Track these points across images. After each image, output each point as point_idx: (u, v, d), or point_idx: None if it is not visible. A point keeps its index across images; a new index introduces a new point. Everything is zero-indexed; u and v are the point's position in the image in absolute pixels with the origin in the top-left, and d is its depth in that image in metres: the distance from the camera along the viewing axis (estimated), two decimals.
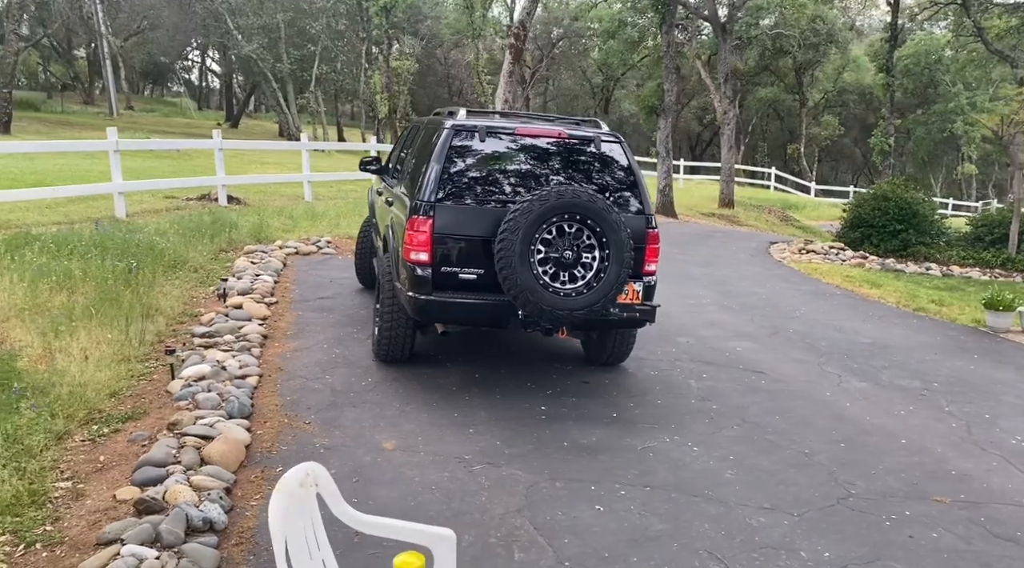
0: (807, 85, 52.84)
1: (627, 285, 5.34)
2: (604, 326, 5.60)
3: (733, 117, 25.44)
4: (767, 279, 11.44)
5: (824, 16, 46.45)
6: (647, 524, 3.80)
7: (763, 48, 48.77)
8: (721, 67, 25.32)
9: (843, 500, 4.25)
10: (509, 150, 5.42)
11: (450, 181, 5.23)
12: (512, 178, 5.33)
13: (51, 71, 50.78)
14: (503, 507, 3.82)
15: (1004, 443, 5.28)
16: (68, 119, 33.26)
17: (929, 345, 7.93)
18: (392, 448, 4.42)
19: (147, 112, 38.49)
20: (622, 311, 5.31)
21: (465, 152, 5.33)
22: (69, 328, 5.77)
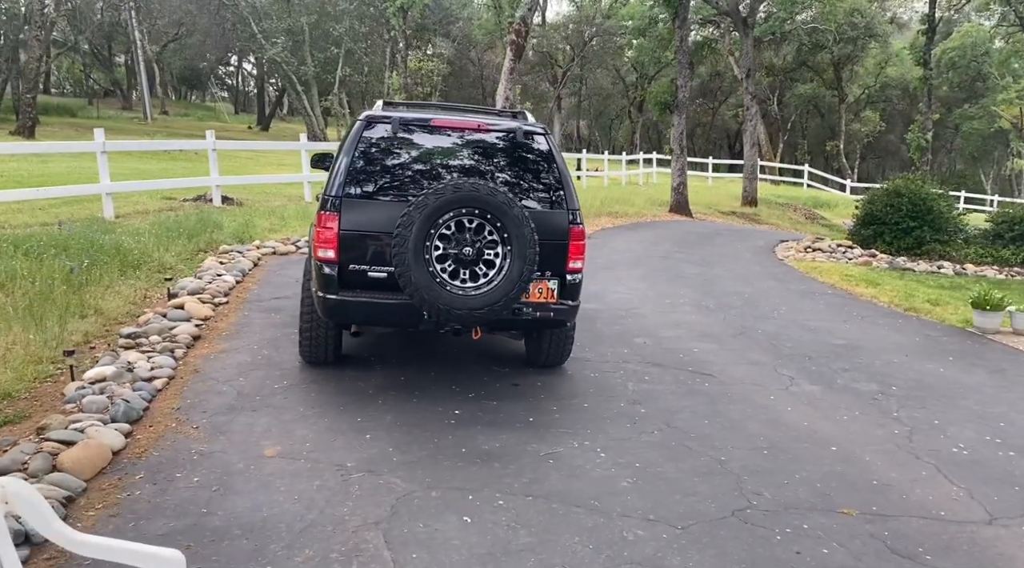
0: (846, 80, 51.72)
1: (542, 283, 5.13)
2: (518, 326, 5.40)
3: (756, 113, 24.92)
4: (759, 278, 11.08)
5: (863, 9, 45.37)
6: (512, 538, 3.59)
7: (799, 43, 47.85)
8: (742, 63, 24.83)
9: (739, 512, 4.00)
10: (424, 142, 5.25)
11: (359, 175, 5.08)
12: (425, 171, 5.15)
13: (93, 78, 52.02)
14: (362, 519, 3.65)
15: (943, 451, 4.96)
16: (101, 124, 33.92)
17: (904, 347, 7.56)
18: (272, 455, 4.28)
19: (181, 116, 39.17)
20: (535, 310, 5.11)
21: (377, 144, 5.17)
22: (9, 325, 5.76)
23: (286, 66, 30.03)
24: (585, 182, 27.49)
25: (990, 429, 5.40)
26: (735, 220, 21.78)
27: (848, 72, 51.96)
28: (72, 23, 43.96)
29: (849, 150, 58.40)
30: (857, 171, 58.65)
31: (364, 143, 5.15)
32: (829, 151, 56.26)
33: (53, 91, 56.98)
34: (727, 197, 26.79)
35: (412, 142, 5.23)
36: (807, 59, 52.10)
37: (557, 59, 53.89)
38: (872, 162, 67.78)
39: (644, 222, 18.13)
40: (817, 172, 43.00)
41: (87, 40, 45.52)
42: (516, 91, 41.18)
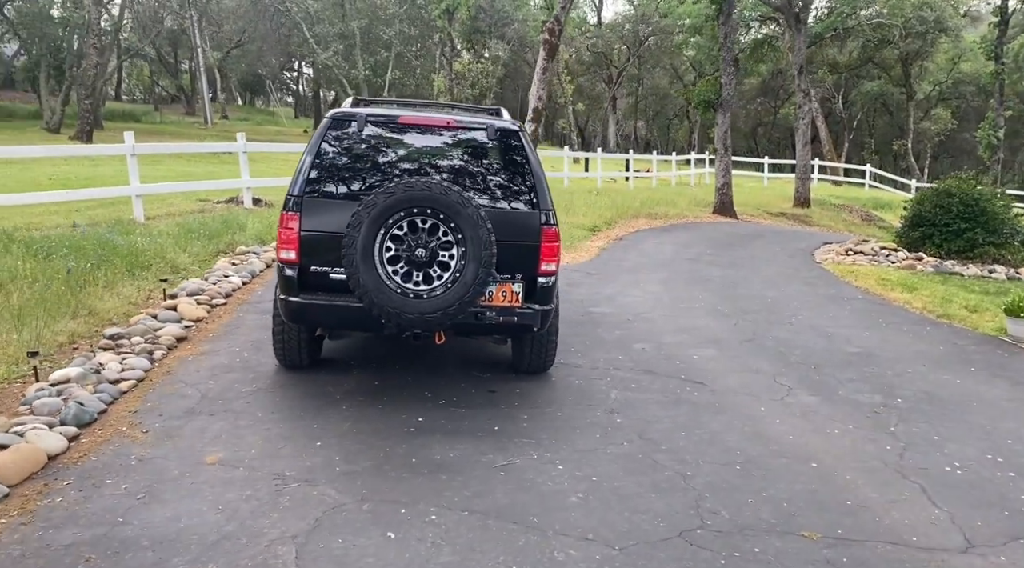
0: (915, 77, 49.94)
1: (506, 286, 4.94)
2: (481, 331, 5.21)
3: (808, 111, 24.17)
4: (787, 282, 10.65)
5: (932, 3, 43.70)
6: (432, 556, 3.41)
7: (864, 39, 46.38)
8: (794, 59, 24.14)
9: (688, 532, 3.75)
10: (391, 140, 5.12)
11: (322, 174, 4.97)
12: (391, 169, 5.01)
13: (160, 84, 53.65)
14: (280, 532, 3.51)
15: (934, 470, 4.59)
16: (161, 129, 34.91)
17: (925, 355, 7.11)
18: (212, 462, 4.19)
19: (241, 121, 40.02)
20: (499, 315, 4.92)
21: (342, 143, 5.05)
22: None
23: (337, 70, 30.38)
24: (632, 183, 27.09)
25: (995, 447, 5.00)
26: (783, 222, 21.13)
27: (917, 68, 50.16)
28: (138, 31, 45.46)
29: (919, 149, 56.38)
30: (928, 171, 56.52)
31: (328, 141, 5.04)
32: (896, 150, 54.37)
33: (124, 98, 58.99)
34: (780, 198, 26.07)
35: (378, 140, 5.10)
36: (873, 55, 50.42)
37: (612, 59, 53.38)
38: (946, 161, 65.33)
39: (683, 224, 17.71)
40: (880, 172, 41.54)
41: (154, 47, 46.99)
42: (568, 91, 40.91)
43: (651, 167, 29.74)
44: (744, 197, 25.72)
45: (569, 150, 25.09)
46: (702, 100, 19.87)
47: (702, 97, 19.87)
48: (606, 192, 22.47)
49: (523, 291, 4.98)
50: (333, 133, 5.06)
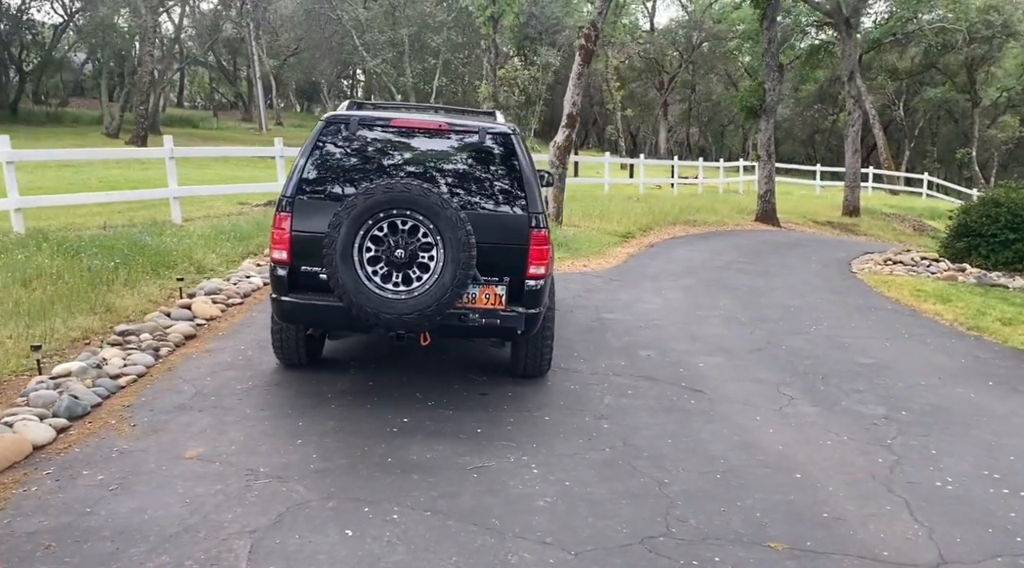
0: (981, 83, 48.43)
1: (489, 288, 4.95)
2: (465, 333, 5.21)
3: (858, 118, 23.64)
4: (815, 291, 10.43)
5: (999, 6, 42.37)
6: (384, 554, 3.44)
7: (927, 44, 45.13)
8: (843, 65, 23.68)
9: (649, 539, 3.70)
10: (383, 142, 5.18)
11: (315, 175, 5.06)
12: (381, 171, 5.07)
13: (220, 91, 55.06)
14: (240, 527, 3.58)
15: (923, 485, 4.45)
16: (217, 134, 35.85)
17: (943, 368, 6.90)
18: (191, 456, 4.28)
19: (295, 127, 40.77)
20: (481, 317, 4.93)
21: (335, 145, 5.13)
22: (8, 319, 6.08)
23: (386, 77, 30.79)
24: (676, 190, 26.84)
25: (994, 463, 4.82)
26: (828, 231, 20.68)
27: (983, 74, 48.66)
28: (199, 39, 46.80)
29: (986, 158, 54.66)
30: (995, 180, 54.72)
31: (322, 143, 5.13)
32: (960, 159, 52.79)
33: (186, 104, 60.71)
34: (829, 207, 25.53)
35: (371, 142, 5.17)
36: (936, 61, 49.06)
37: (664, 65, 53.00)
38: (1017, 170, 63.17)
39: (722, 231, 17.47)
40: (939, 181, 40.30)
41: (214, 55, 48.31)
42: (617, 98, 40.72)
43: (697, 174, 29.40)
44: (792, 205, 25.27)
45: (609, 156, 24.95)
46: (745, 106, 19.59)
47: (745, 103, 19.59)
48: (648, 199, 22.31)
49: (507, 294, 4.98)
50: (327, 135, 5.15)
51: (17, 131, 30.03)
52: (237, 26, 42.21)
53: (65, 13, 40.47)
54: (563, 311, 8.28)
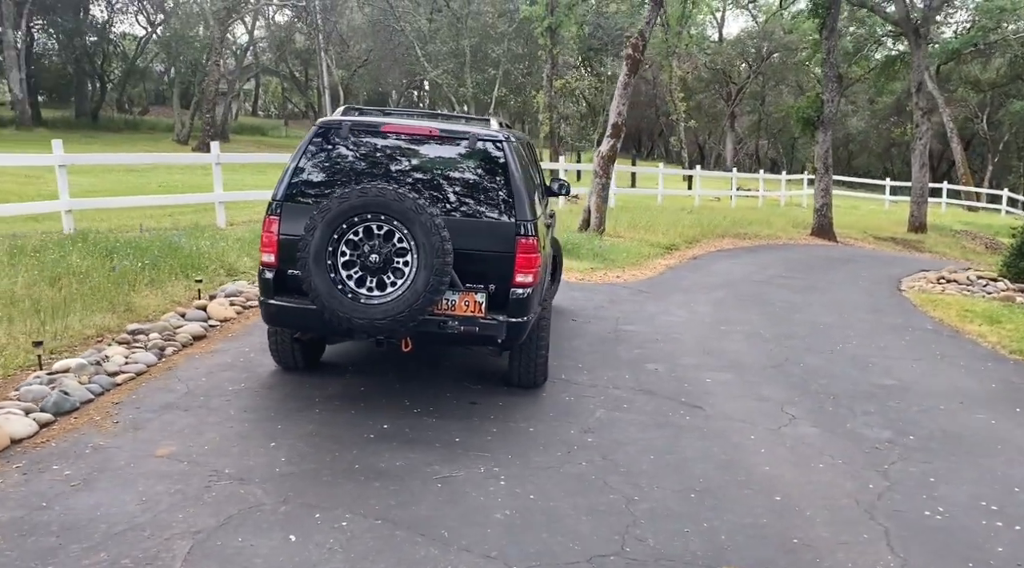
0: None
1: (468, 296, 4.91)
2: (445, 340, 5.17)
3: (926, 131, 22.80)
4: (855, 309, 10.06)
5: None
6: (321, 561, 3.41)
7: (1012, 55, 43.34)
8: (912, 76, 22.88)
9: (598, 558, 3.60)
10: (373, 147, 5.20)
11: (304, 180, 5.10)
12: (369, 176, 5.08)
13: (292, 101, 56.52)
14: (187, 527, 3.60)
15: (910, 514, 4.22)
16: (284, 142, 36.83)
17: (968, 392, 6.55)
18: (162, 455, 4.35)
19: None
20: (460, 324, 4.88)
21: (326, 150, 5.17)
22: (19, 316, 6.30)
23: (446, 88, 31.10)
24: (735, 202, 26.34)
25: (996, 493, 4.54)
26: (889, 247, 19.96)
27: None
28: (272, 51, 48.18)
29: None
30: None
31: (313, 148, 5.17)
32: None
33: (260, 113, 62.52)
34: (894, 223, 24.66)
35: (361, 147, 5.19)
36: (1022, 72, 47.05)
37: (732, 76, 52.18)
38: None
39: (772, 245, 17.04)
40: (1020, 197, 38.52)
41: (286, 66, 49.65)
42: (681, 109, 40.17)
43: (758, 186, 28.80)
44: (854, 220, 24.54)
45: (664, 166, 24.63)
46: (801, 118, 19.09)
47: (802, 115, 19.10)
48: (702, 211, 21.95)
49: (487, 301, 4.92)
50: (318, 140, 5.20)
51: (96, 137, 31.41)
52: (308, 37, 43.28)
53: (149, 24, 42.28)
54: (580, 322, 8.19)
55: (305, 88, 50.70)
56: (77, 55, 37.98)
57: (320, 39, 39.17)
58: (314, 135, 5.22)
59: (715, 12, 54.06)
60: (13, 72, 30.88)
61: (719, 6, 52.94)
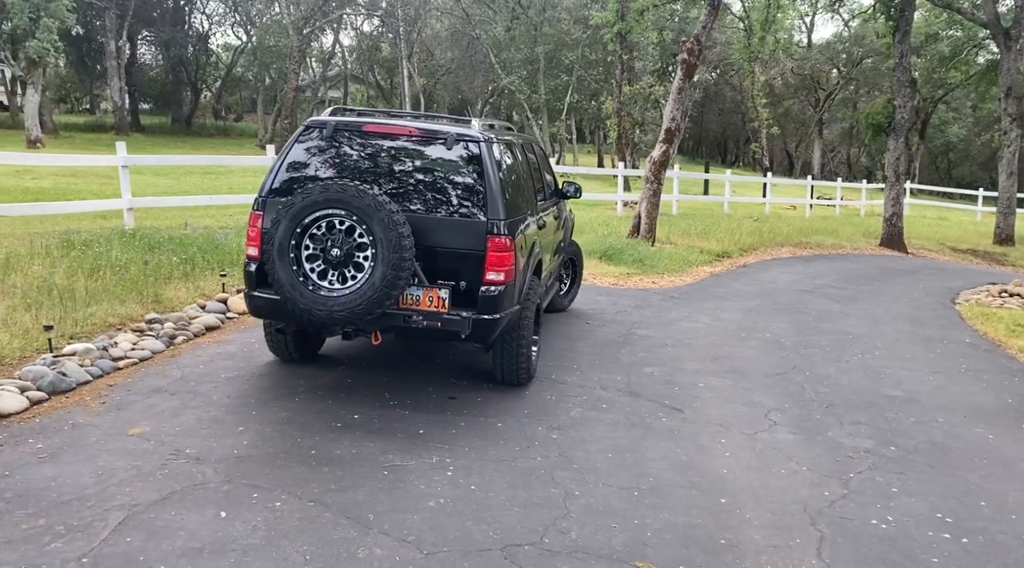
0: None
1: (432, 291, 5.03)
2: (411, 334, 5.29)
3: (1016, 138, 21.67)
4: (894, 320, 9.71)
5: None
6: (240, 537, 3.56)
7: None
8: (1001, 80, 21.81)
9: (512, 547, 3.66)
10: (355, 146, 5.39)
11: (289, 177, 5.33)
12: (348, 174, 5.28)
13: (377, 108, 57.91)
14: (128, 500, 3.81)
15: (856, 523, 4.11)
16: None
17: (978, 406, 6.28)
18: (134, 434, 4.61)
19: None
20: (424, 319, 5.01)
21: (310, 148, 5.40)
22: (49, 303, 6.76)
23: (519, 94, 31.35)
24: (809, 211, 25.63)
25: (959, 507, 4.37)
26: (967, 259, 19.05)
27: None
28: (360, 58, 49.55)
29: None
30: None
31: (299, 147, 5.41)
32: None
33: None
34: (980, 235, 23.52)
35: (344, 146, 5.39)
36: None
37: (820, 82, 50.71)
38: None
39: (835, 255, 16.54)
40: None
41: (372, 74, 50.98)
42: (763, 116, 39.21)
43: (835, 195, 27.95)
44: (936, 230, 23.57)
45: (731, 173, 24.15)
46: (871, 124, 18.44)
47: (872, 121, 18.45)
48: (771, 219, 21.49)
49: (451, 297, 5.04)
50: (304, 139, 5.43)
51: (186, 142, 33.00)
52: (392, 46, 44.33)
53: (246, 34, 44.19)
54: (594, 325, 8.21)
55: (390, 96, 51.85)
56: (173, 65, 40.00)
57: (402, 47, 40.06)
58: (301, 134, 5.46)
59: (804, 16, 52.74)
60: (114, 81, 32.83)
61: (808, 10, 51.63)
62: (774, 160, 62.72)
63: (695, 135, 60.55)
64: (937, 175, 57.79)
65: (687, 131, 53.39)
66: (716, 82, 52.32)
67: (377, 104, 56.53)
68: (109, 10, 31.12)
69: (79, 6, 29.99)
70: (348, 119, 5.53)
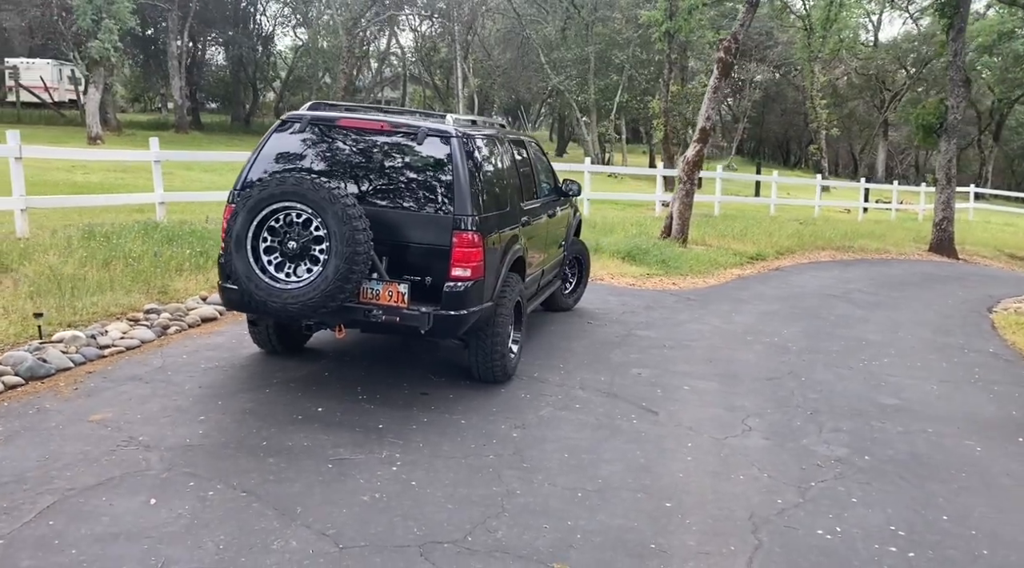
0: None
1: (392, 286, 5.02)
2: (372, 328, 5.29)
3: None
4: (915, 327, 9.35)
5: None
6: (162, 524, 3.58)
7: None
8: None
9: (431, 544, 3.63)
10: (328, 140, 5.43)
11: (261, 171, 5.39)
12: (318, 167, 5.32)
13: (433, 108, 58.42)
14: (64, 484, 3.87)
15: (800, 532, 3.96)
16: None
17: (976, 418, 5.99)
18: (95, 420, 4.71)
19: None
20: (383, 314, 5.01)
21: (284, 143, 5.45)
22: (55, 292, 6.97)
23: (568, 94, 31.22)
24: (862, 215, 24.89)
25: (916, 520, 4.18)
26: (1023, 267, 18.24)
27: None
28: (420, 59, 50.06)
29: None
30: None
31: (273, 141, 5.47)
32: None
33: None
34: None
35: (317, 141, 5.43)
36: None
37: (886, 82, 49.19)
38: None
39: (876, 260, 16.02)
40: None
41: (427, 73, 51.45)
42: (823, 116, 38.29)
43: (891, 198, 27.09)
44: (995, 236, 22.66)
45: (778, 175, 23.55)
46: (922, 125, 17.77)
47: (922, 122, 17.79)
48: (819, 222, 20.94)
49: (410, 292, 5.03)
50: (280, 134, 5.49)
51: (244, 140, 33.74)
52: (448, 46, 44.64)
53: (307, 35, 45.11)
54: (595, 324, 8.11)
55: (446, 97, 52.23)
56: (234, 65, 41.02)
57: (456, 48, 40.29)
58: (276, 129, 5.52)
59: (871, 15, 51.24)
60: (174, 80, 33.86)
61: (874, 8, 50.14)
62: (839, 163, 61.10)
63: (755, 136, 59.33)
64: (1014, 179, 55.52)
65: (746, 132, 52.44)
66: (777, 82, 51.21)
67: (434, 105, 57.06)
68: (171, 11, 32.07)
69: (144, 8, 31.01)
70: (322, 113, 5.57)
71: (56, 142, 22.50)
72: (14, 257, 7.85)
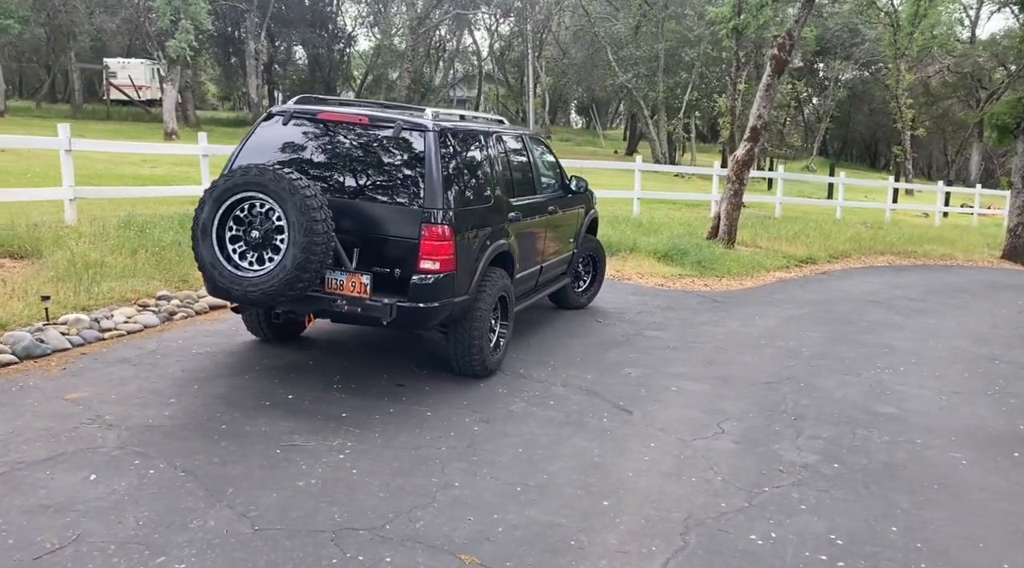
0: None
1: (355, 277, 5.08)
2: (337, 318, 5.34)
3: None
4: (952, 337, 8.91)
5: None
6: (95, 498, 3.71)
7: None
8: None
9: (346, 531, 3.66)
10: (309, 134, 5.54)
11: (244, 161, 5.51)
12: (300, 161, 5.43)
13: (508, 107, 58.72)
14: (18, 457, 4.03)
15: (733, 537, 3.83)
16: None
17: (973, 433, 5.67)
18: (71, 398, 4.92)
19: (561, 141, 42.31)
20: (346, 304, 5.07)
21: (269, 135, 5.58)
22: (75, 278, 7.31)
23: (636, 92, 30.89)
24: (939, 219, 23.83)
25: (862, 531, 3.99)
26: None
27: None
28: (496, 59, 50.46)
29: None
30: None
31: (259, 134, 5.61)
32: None
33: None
34: None
35: (299, 134, 5.55)
36: None
37: (982, 80, 46.89)
38: None
39: (938, 266, 15.31)
40: None
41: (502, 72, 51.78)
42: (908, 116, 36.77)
43: (973, 202, 25.85)
44: None
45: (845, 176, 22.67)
46: (997, 125, 16.87)
47: (997, 121, 16.89)
48: (889, 225, 20.14)
49: (373, 283, 5.08)
50: (264, 127, 5.63)
51: None
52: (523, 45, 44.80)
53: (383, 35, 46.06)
54: (605, 323, 8.04)
55: (520, 95, 52.44)
56: (310, 64, 42.13)
57: (528, 47, 40.40)
58: (260, 122, 5.67)
59: (968, 9, 48.98)
60: (251, 78, 35.02)
61: (972, 3, 47.90)
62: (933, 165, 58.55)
63: (840, 137, 57.51)
64: None
65: (829, 132, 50.77)
66: (864, 80, 49.44)
67: (508, 103, 57.36)
68: (250, 12, 33.16)
69: (225, 9, 32.15)
70: (304, 107, 5.68)
71: (136, 138, 23.56)
72: (47, 243, 8.25)
